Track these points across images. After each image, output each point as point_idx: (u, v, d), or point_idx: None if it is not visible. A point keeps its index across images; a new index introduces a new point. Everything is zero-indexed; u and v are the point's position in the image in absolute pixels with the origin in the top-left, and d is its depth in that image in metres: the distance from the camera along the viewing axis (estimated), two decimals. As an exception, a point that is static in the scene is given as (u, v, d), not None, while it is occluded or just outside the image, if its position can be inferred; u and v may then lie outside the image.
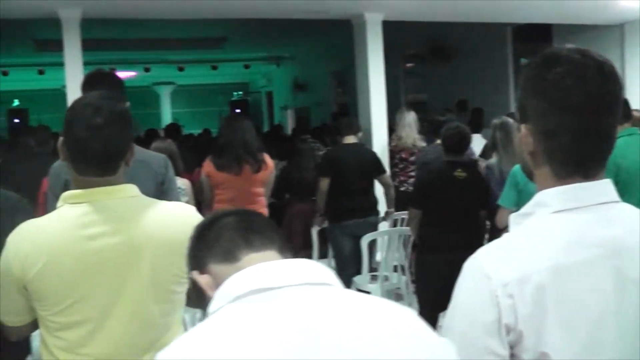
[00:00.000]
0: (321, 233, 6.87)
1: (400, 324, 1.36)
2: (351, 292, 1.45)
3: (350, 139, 6.51)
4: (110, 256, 2.14)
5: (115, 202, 2.19)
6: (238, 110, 20.66)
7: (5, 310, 2.25)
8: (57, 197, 3.17)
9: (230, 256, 1.50)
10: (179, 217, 2.26)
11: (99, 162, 2.17)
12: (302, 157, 7.64)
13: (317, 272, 1.43)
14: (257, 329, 1.29)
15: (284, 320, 1.30)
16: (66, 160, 2.24)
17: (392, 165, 7.84)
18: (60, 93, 19.03)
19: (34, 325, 2.27)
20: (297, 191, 7.34)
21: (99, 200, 2.16)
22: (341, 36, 10.04)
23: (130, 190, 2.25)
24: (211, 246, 1.54)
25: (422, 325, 1.38)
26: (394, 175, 7.69)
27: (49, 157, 6.51)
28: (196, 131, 15.49)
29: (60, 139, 2.24)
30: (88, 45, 7.61)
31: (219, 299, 1.41)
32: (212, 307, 1.41)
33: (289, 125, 17.71)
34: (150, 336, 2.22)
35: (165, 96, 21.89)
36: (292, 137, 9.83)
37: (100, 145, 2.15)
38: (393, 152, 7.87)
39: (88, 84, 3.40)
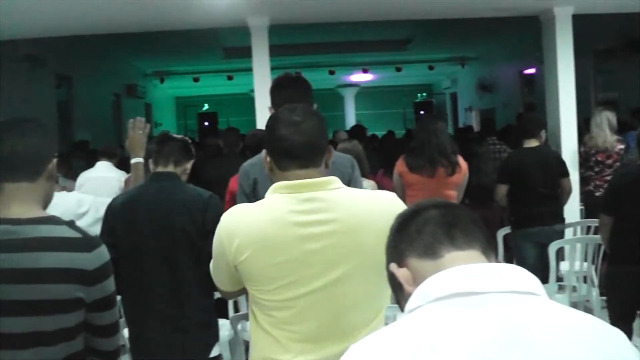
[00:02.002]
0: (505, 239, 6.64)
1: (612, 348, 1.25)
2: (560, 306, 1.34)
3: (532, 143, 6.19)
4: (319, 242, 2.21)
5: (322, 193, 2.26)
6: (422, 112, 20.55)
7: (220, 280, 2.47)
8: (246, 195, 3.31)
9: (431, 252, 1.45)
10: (387, 202, 2.31)
11: (300, 155, 2.29)
12: (480, 160, 7.45)
13: (524, 279, 1.34)
14: (458, 336, 1.23)
15: (486, 329, 1.23)
16: (270, 167, 2.37)
17: (587, 168, 7.37)
18: (247, 97, 19.76)
19: (242, 291, 2.45)
20: (476, 196, 7.16)
21: (306, 192, 2.25)
22: (528, 34, 9.73)
23: (336, 182, 2.32)
24: (412, 239, 1.49)
25: (634, 351, 1.26)
26: (587, 179, 7.28)
27: (237, 158, 6.74)
28: (380, 133, 15.54)
29: (263, 151, 2.39)
30: (274, 51, 7.80)
31: (418, 297, 1.36)
32: (410, 304, 1.37)
33: (474, 126, 17.39)
34: (356, 321, 2.27)
35: (349, 98, 22.13)
36: (469, 140, 9.59)
37: (301, 138, 2.28)
38: (587, 154, 7.35)
39: (277, 87, 3.45)
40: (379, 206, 2.29)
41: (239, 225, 2.28)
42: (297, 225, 2.22)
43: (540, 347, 1.21)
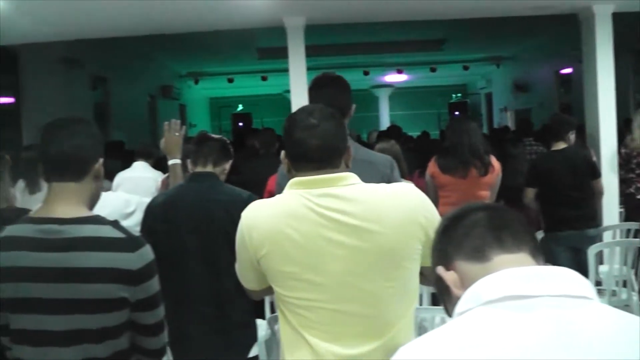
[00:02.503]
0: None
1: None
2: (614, 310, 1.31)
3: (560, 145, 6.09)
4: (339, 236, 2.19)
5: (337, 189, 2.25)
6: (456, 113, 20.43)
7: (245, 277, 2.49)
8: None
9: (480, 255, 1.42)
10: (406, 195, 2.29)
11: (317, 158, 2.28)
12: (516, 161, 7.37)
13: (576, 283, 1.31)
14: (509, 340, 1.21)
15: (538, 334, 1.21)
16: (289, 168, 2.37)
17: (627, 170, 7.22)
18: (281, 98, 19.86)
19: (268, 290, 2.44)
20: (512, 197, 7.07)
21: (322, 187, 2.24)
22: (565, 32, 9.61)
23: (353, 177, 2.30)
24: (459, 242, 1.47)
25: None
26: (628, 181, 7.15)
27: (273, 158, 6.75)
28: (414, 133, 15.47)
29: (282, 152, 2.39)
30: (309, 51, 7.79)
31: (468, 300, 1.34)
32: (459, 307, 1.35)
33: (510, 127, 17.23)
34: (384, 317, 2.24)
35: (383, 99, 22.07)
36: (503, 141, 9.49)
37: (316, 141, 2.27)
38: (629, 156, 7.20)
39: (316, 87, 3.44)
40: (398, 200, 2.27)
41: (257, 220, 2.30)
42: (312, 219, 2.21)
43: (594, 353, 1.18)
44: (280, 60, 12.98)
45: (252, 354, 3.66)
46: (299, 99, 7.28)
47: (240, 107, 22.33)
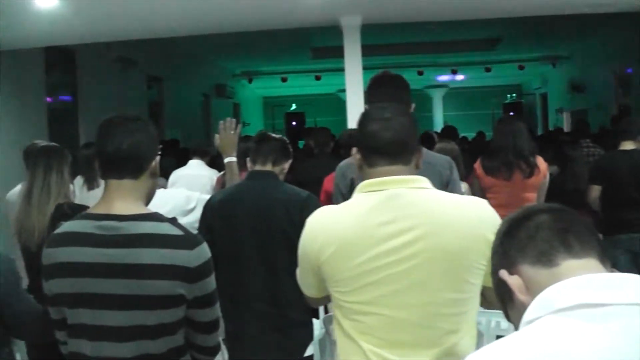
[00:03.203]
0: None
1: None
2: None
3: (628, 145, 5.93)
4: (402, 242, 2.16)
5: (408, 191, 2.22)
6: (511, 113, 20.17)
7: (304, 284, 2.48)
8: (342, 195, 3.29)
9: (546, 260, 1.37)
10: (476, 208, 2.26)
11: (389, 151, 2.26)
12: (575, 164, 7.24)
13: None
14: (583, 351, 1.15)
15: (614, 345, 1.15)
16: (360, 164, 2.35)
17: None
18: (334, 97, 19.83)
19: (327, 299, 2.43)
20: (571, 201, 6.94)
21: (392, 189, 2.22)
22: (625, 31, 9.41)
23: (424, 181, 2.28)
24: (523, 245, 1.42)
25: None
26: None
27: (328, 157, 6.74)
28: (469, 134, 15.33)
29: (354, 149, 2.38)
30: (364, 51, 7.74)
31: (537, 308, 1.29)
32: (528, 314, 1.30)
33: (565, 129, 16.96)
34: (442, 329, 2.20)
35: (437, 99, 21.92)
36: (562, 143, 9.31)
37: (390, 134, 2.26)
38: None
39: (375, 85, 3.44)
40: (466, 211, 2.23)
41: (323, 225, 2.29)
42: (379, 224, 2.18)
43: None
44: (334, 59, 13.00)
45: (307, 353, 3.65)
46: (355, 98, 7.24)
47: (294, 106, 22.37)
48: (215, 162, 7.35)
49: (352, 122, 7.17)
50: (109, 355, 2.27)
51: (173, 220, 2.34)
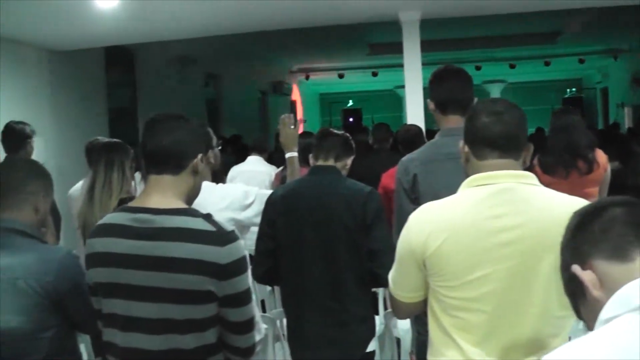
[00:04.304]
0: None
1: None
2: None
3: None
4: (511, 237, 2.14)
5: (519, 186, 2.20)
6: (566, 106, 19.81)
7: (401, 286, 2.40)
8: (405, 191, 3.25)
9: (622, 255, 1.33)
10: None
11: (500, 145, 2.25)
12: (638, 161, 7.06)
13: None
14: None
15: None
16: (467, 157, 2.34)
17: None
18: (392, 94, 19.74)
19: (419, 306, 2.40)
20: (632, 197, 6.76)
21: (501, 183, 2.20)
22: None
23: (532, 177, 2.25)
24: (597, 240, 1.38)
25: None
26: None
27: (387, 153, 6.71)
28: (528, 129, 15.08)
29: (460, 141, 2.37)
30: (421, 47, 7.68)
31: (615, 305, 1.25)
32: (605, 312, 1.27)
33: (626, 124, 16.61)
34: (544, 331, 2.17)
35: (495, 94, 21.65)
36: (627, 138, 9.07)
37: (502, 127, 2.25)
38: None
39: (437, 80, 3.40)
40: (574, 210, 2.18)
41: (431, 217, 2.28)
42: (488, 218, 2.16)
43: None
44: (391, 55, 12.92)
45: (369, 348, 3.61)
46: (414, 94, 7.20)
47: (351, 102, 22.37)
48: (273, 158, 7.40)
49: (412, 118, 7.18)
50: (138, 347, 2.30)
51: (207, 216, 2.34)
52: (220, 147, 4.48)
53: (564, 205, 2.16)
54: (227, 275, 2.27)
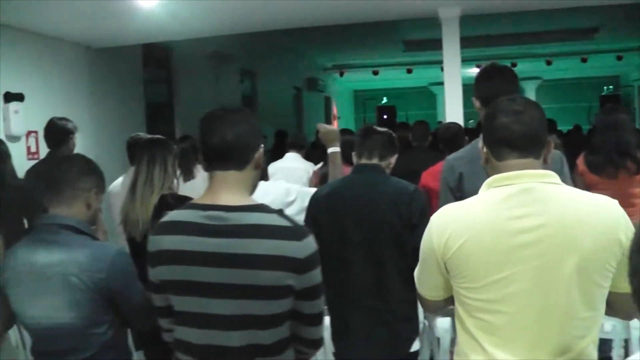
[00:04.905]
0: None
1: None
2: None
3: None
4: (532, 238, 2.10)
5: (541, 185, 2.17)
6: (614, 104, 19.52)
7: (425, 284, 2.43)
8: (450, 189, 3.22)
9: None
10: (609, 208, 2.17)
11: (520, 145, 2.22)
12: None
13: None
14: None
15: None
16: (487, 157, 2.32)
17: None
18: (426, 91, 19.62)
19: (447, 301, 2.39)
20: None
21: (522, 183, 2.17)
22: None
23: (555, 177, 2.22)
24: None
25: None
26: None
27: (426, 151, 6.66)
28: (564, 127, 14.92)
29: (480, 141, 2.37)
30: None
31: None
32: None
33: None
34: (570, 333, 2.12)
35: (530, 91, 21.45)
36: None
37: (522, 126, 2.22)
38: None
39: (482, 78, 3.37)
40: (600, 210, 2.15)
41: (453, 217, 2.25)
42: (510, 218, 2.13)
43: None
44: (425, 52, 12.83)
45: (413, 348, 3.59)
46: (453, 91, 7.15)
47: (385, 99, 22.30)
48: (310, 155, 7.37)
49: (450, 116, 7.12)
50: (217, 344, 2.29)
51: (280, 212, 2.34)
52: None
53: (587, 204, 2.15)
54: (305, 269, 2.27)
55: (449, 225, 2.22)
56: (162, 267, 2.36)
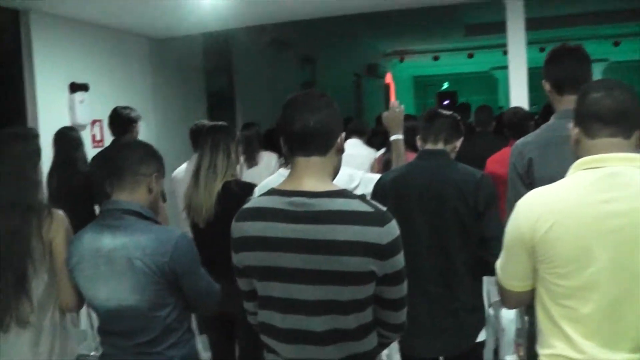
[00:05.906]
0: None
1: None
2: None
3: None
4: (621, 223, 2.05)
5: (630, 170, 2.11)
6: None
7: (510, 274, 2.36)
8: (519, 176, 3.15)
9: None
10: None
11: (610, 120, 2.20)
12: None
13: None
14: None
15: None
16: (577, 137, 2.28)
17: None
18: (487, 76, 19.33)
19: (529, 295, 2.34)
20: None
21: (610, 166, 2.13)
22: None
23: None
24: None
25: None
26: None
27: (491, 137, 6.56)
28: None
29: (570, 123, 2.33)
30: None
31: None
32: None
33: None
34: None
35: (596, 74, 20.87)
36: None
37: (613, 101, 2.21)
38: None
39: (553, 60, 3.29)
40: None
41: (540, 200, 2.22)
42: (599, 202, 2.08)
43: None
44: (488, 36, 12.62)
45: (479, 338, 3.52)
46: (518, 75, 7.01)
47: (446, 85, 22.08)
48: (372, 141, 7.32)
49: (515, 100, 6.98)
50: (300, 328, 2.30)
51: (363, 197, 2.32)
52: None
53: None
54: (388, 255, 2.26)
55: (537, 208, 2.20)
56: (246, 253, 2.37)
